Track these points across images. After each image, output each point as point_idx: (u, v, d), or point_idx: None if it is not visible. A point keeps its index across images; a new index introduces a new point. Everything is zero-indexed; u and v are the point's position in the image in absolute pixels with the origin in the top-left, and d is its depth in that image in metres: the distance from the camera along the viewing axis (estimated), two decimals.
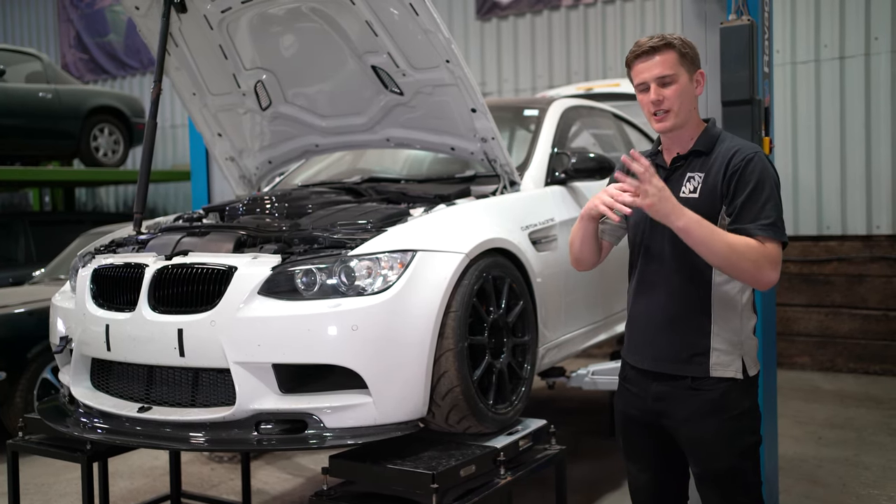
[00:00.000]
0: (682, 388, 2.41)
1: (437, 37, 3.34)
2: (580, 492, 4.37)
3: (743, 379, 2.40)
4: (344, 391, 2.78)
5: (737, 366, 2.39)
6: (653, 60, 2.37)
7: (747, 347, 2.42)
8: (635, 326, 2.55)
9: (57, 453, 3.42)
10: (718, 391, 2.38)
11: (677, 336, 2.42)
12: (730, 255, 2.21)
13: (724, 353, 2.39)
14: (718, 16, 3.57)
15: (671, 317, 2.43)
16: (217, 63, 3.98)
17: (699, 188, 2.38)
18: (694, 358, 2.39)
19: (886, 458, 4.88)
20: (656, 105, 2.38)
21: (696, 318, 2.40)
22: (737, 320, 2.40)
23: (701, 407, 2.39)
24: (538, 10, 8.82)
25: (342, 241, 2.92)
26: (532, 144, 4.17)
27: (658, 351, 2.45)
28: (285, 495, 4.61)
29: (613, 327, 4.46)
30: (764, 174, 2.31)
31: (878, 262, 7.14)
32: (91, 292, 3.19)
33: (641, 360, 2.51)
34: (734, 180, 2.32)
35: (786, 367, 7.30)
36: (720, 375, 2.38)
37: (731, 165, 2.34)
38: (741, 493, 2.42)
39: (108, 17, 12.12)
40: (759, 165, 2.32)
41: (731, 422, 2.38)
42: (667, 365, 2.43)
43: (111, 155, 9.58)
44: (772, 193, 2.30)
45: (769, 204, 2.28)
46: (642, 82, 2.40)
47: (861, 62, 7.19)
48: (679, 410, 2.42)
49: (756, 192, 2.29)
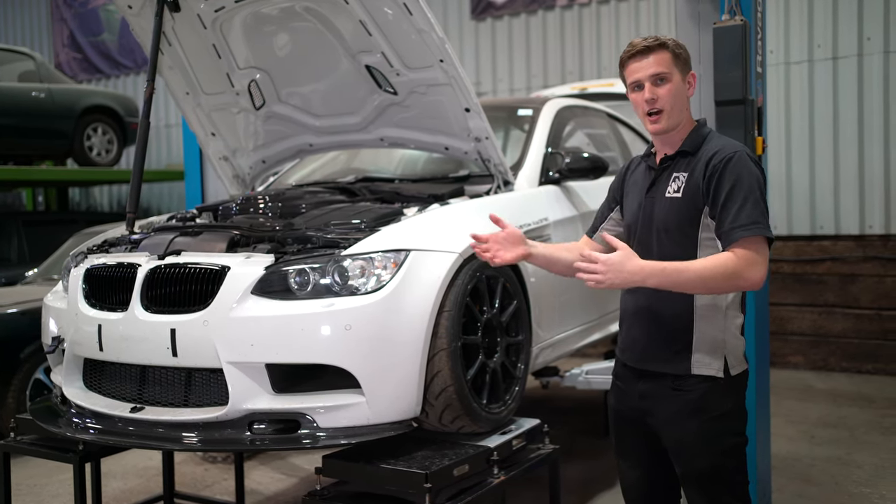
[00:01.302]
0: (664, 387, 2.43)
1: (431, 36, 3.34)
2: (574, 491, 4.38)
3: (724, 379, 2.40)
4: (337, 391, 2.77)
5: (718, 365, 2.39)
6: (647, 60, 2.38)
7: (731, 346, 2.42)
8: (625, 322, 2.58)
9: (49, 454, 3.40)
10: (698, 392, 2.38)
11: (661, 333, 2.43)
12: (706, 282, 2.24)
13: (705, 353, 2.39)
14: (712, 16, 3.58)
15: (656, 314, 2.44)
16: (211, 62, 3.98)
17: (682, 188, 2.39)
18: (676, 355, 2.40)
19: (879, 456, 4.89)
20: (650, 104, 2.39)
21: (680, 316, 2.40)
22: (720, 319, 2.41)
23: (682, 408, 2.39)
24: (533, 10, 8.83)
25: (336, 241, 2.92)
26: (526, 144, 4.18)
27: (644, 347, 2.47)
28: (279, 495, 4.60)
29: (607, 327, 4.46)
30: (742, 173, 2.31)
31: (871, 261, 7.16)
32: (83, 292, 3.18)
33: (630, 357, 2.53)
34: (713, 181, 2.33)
35: (779, 367, 7.32)
36: (701, 373, 2.39)
37: (711, 166, 2.35)
38: (725, 492, 2.42)
39: (101, 16, 12.09)
40: (737, 165, 2.32)
41: (712, 423, 2.38)
42: (651, 362, 2.45)
43: (105, 154, 9.56)
44: (751, 191, 2.29)
45: (748, 203, 2.27)
46: (636, 81, 2.41)
47: (854, 62, 7.21)
48: (661, 410, 2.43)
49: (734, 192, 2.29)
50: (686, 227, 2.39)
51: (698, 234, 2.38)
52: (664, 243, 2.39)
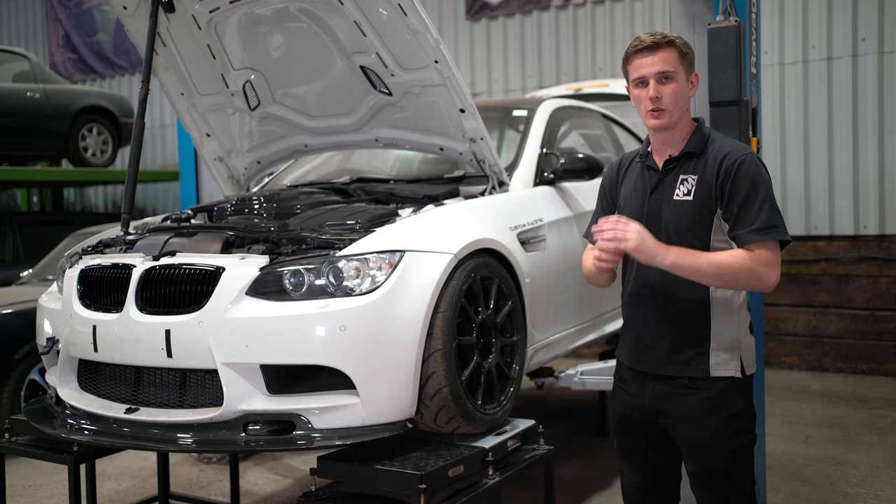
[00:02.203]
0: (679, 386, 2.42)
1: (425, 37, 3.35)
2: (569, 491, 4.38)
3: (741, 378, 2.41)
4: (332, 392, 2.77)
5: (735, 365, 2.41)
6: (654, 57, 2.37)
7: (745, 346, 2.43)
8: (633, 329, 2.55)
9: (44, 455, 3.40)
10: (715, 390, 2.39)
11: (677, 338, 2.42)
12: (722, 274, 2.27)
13: (723, 353, 2.40)
14: (706, 17, 3.59)
15: (671, 319, 2.43)
16: (205, 63, 3.97)
17: (693, 190, 2.38)
18: (694, 359, 2.40)
19: (873, 456, 4.90)
20: (654, 102, 2.37)
21: (696, 320, 2.41)
22: (735, 319, 2.42)
23: (698, 406, 2.40)
24: (528, 11, 8.83)
25: (330, 242, 2.92)
26: (521, 145, 4.18)
27: (657, 353, 2.46)
28: (274, 496, 4.60)
29: (602, 327, 4.46)
30: (757, 177, 2.33)
31: (866, 261, 7.18)
32: (78, 293, 3.17)
33: (639, 363, 2.51)
34: (727, 184, 2.33)
35: (774, 367, 7.34)
36: (720, 375, 2.39)
37: (723, 168, 2.35)
38: (736, 491, 2.43)
39: (96, 16, 12.07)
40: (751, 168, 2.34)
41: (728, 420, 2.39)
42: (667, 367, 2.44)
43: (100, 155, 9.54)
44: (767, 195, 2.32)
45: (765, 206, 2.30)
46: (641, 77, 2.39)
47: (848, 63, 7.23)
48: (676, 409, 2.43)
49: (750, 196, 2.31)
50: (698, 230, 2.38)
51: (710, 236, 2.38)
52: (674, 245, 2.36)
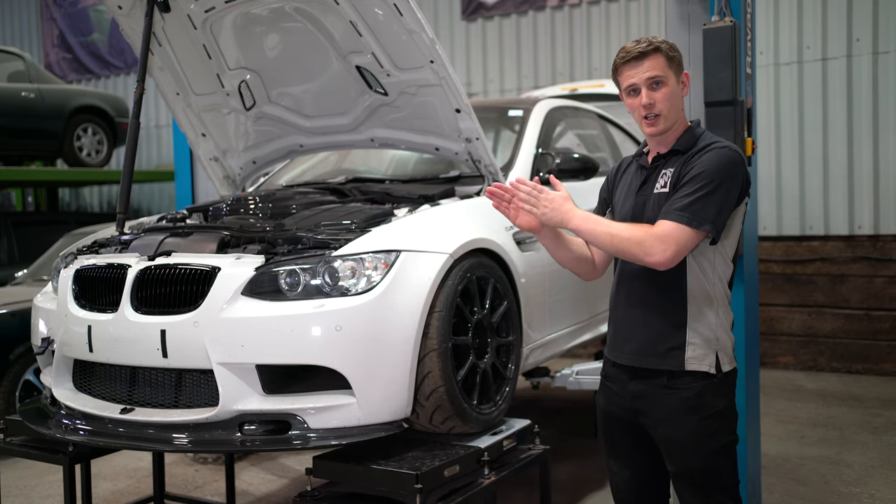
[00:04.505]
0: (658, 386, 2.43)
1: (421, 37, 3.35)
2: (565, 491, 4.39)
3: (717, 376, 2.41)
4: (328, 392, 2.77)
5: (710, 361, 2.41)
6: (642, 65, 2.40)
7: (722, 343, 2.44)
8: (616, 320, 2.57)
9: (39, 455, 3.39)
10: (694, 390, 2.40)
11: (655, 329, 2.44)
12: (612, 241, 2.33)
13: (698, 347, 2.41)
14: (701, 17, 3.59)
15: (649, 310, 2.45)
16: (201, 63, 3.97)
17: (668, 182, 2.42)
18: (670, 352, 2.41)
19: (868, 456, 4.92)
20: (648, 108, 2.40)
21: (673, 312, 2.42)
22: (712, 314, 2.43)
23: (677, 406, 2.40)
24: (523, 11, 8.84)
25: (326, 242, 2.92)
26: (516, 145, 4.18)
27: (637, 345, 2.47)
28: (270, 496, 4.60)
29: (598, 327, 4.47)
30: (712, 166, 2.33)
31: (860, 261, 7.20)
32: (73, 293, 3.17)
33: (621, 356, 2.53)
34: (686, 168, 2.37)
35: (769, 367, 7.35)
36: (694, 369, 2.40)
37: (694, 155, 2.39)
38: (717, 491, 2.44)
39: (91, 16, 12.05)
40: (711, 157, 2.35)
41: (707, 420, 2.40)
42: (645, 359, 2.45)
43: (95, 155, 9.53)
44: (710, 185, 2.30)
45: (699, 194, 2.30)
46: (632, 85, 2.43)
47: (843, 64, 7.25)
48: (655, 410, 2.44)
49: (694, 180, 2.33)
50: None
51: None
52: None
